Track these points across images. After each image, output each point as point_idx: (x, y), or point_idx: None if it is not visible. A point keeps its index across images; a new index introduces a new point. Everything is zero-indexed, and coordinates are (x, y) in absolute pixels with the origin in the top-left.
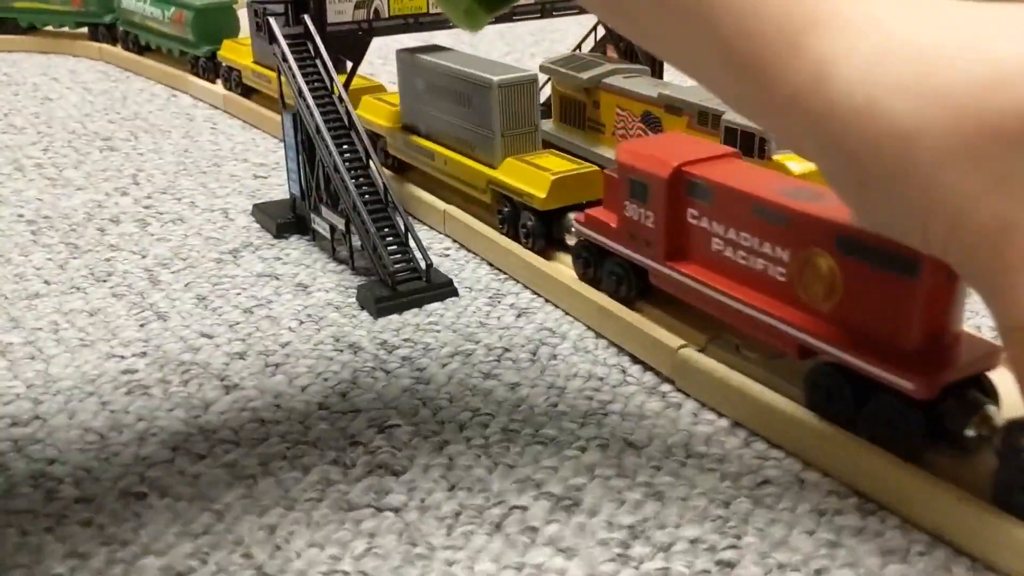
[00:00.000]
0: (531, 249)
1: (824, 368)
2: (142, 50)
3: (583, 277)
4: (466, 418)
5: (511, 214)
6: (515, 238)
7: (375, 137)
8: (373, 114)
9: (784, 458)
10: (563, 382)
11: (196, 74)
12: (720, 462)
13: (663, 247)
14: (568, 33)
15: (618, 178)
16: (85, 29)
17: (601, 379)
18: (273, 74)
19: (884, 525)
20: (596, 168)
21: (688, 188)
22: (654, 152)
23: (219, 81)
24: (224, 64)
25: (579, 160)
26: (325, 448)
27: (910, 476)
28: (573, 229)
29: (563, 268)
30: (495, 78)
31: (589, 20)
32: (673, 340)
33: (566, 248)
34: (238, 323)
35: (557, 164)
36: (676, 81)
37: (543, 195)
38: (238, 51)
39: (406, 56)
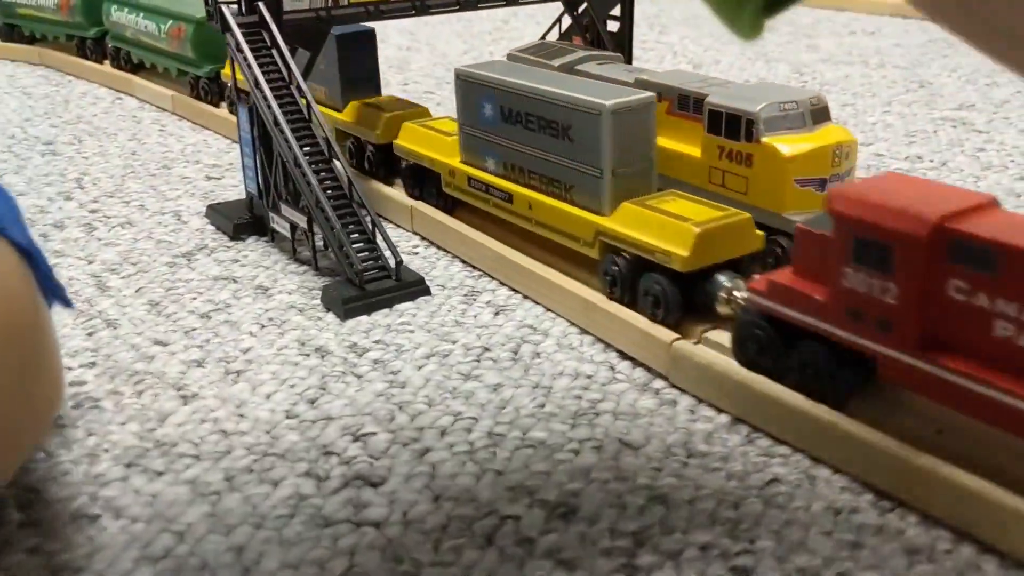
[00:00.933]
0: (663, 323)
1: None
2: (135, 68)
3: (750, 364)
4: (447, 423)
5: (627, 275)
6: (630, 305)
7: (421, 172)
8: (419, 144)
9: (791, 454)
10: (549, 381)
11: (198, 96)
12: (724, 461)
13: (913, 332)
14: (525, 31)
15: (833, 236)
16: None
17: (589, 377)
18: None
19: (905, 522)
20: (747, 216)
21: (955, 252)
22: (892, 200)
23: (224, 105)
24: (231, 86)
25: (717, 204)
26: (296, 460)
27: (928, 469)
28: (733, 296)
29: (538, 263)
30: (606, 102)
31: (551, 11)
32: (666, 333)
33: (712, 318)
34: (194, 329)
35: (695, 211)
36: (650, 66)
37: (685, 252)
38: None
39: (470, 74)
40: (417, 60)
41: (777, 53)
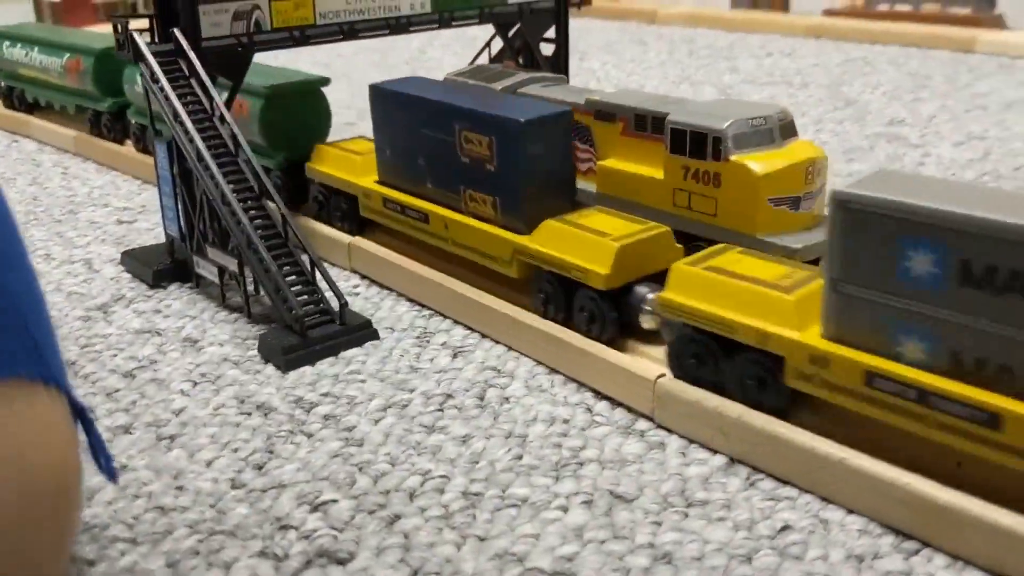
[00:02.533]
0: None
1: None
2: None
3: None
4: (416, 483)
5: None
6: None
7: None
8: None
9: (798, 496)
10: (523, 429)
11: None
12: (727, 509)
13: None
14: (443, 60)
15: None
16: None
17: (566, 421)
18: None
19: (932, 565)
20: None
21: None
22: None
23: (129, 142)
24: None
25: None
26: (247, 537)
27: (954, 506)
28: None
29: (496, 299)
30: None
31: (469, 41)
32: (648, 369)
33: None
34: (117, 390)
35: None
36: (593, 86)
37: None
38: None
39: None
40: (334, 92)
41: (700, 76)
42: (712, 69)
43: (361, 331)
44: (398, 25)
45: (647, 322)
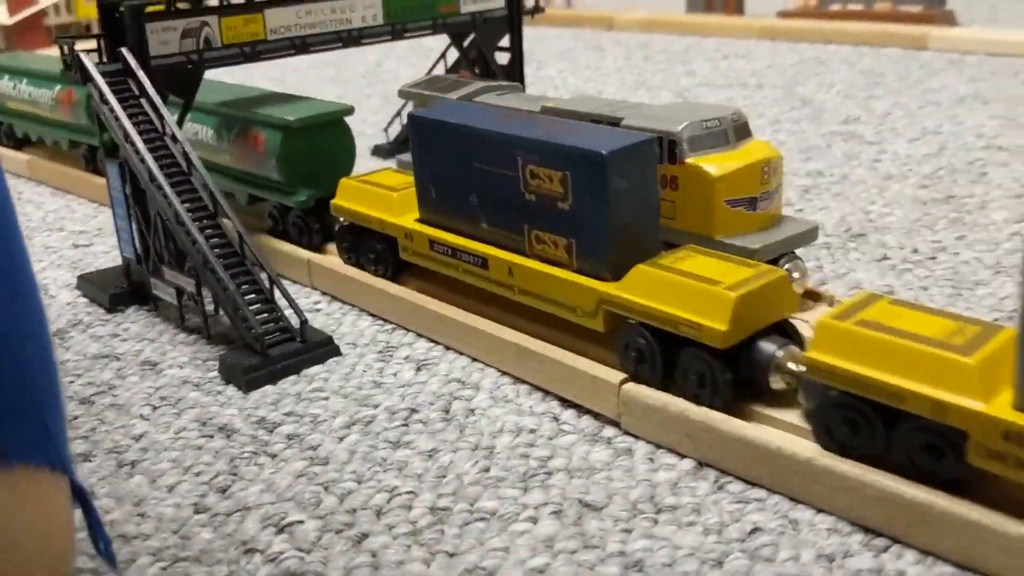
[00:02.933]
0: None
1: None
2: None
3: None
4: (382, 501)
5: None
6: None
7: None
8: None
9: (767, 497)
10: (489, 441)
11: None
12: (697, 513)
13: None
14: (399, 72)
15: None
16: None
17: (533, 431)
18: None
19: (902, 561)
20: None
21: None
22: None
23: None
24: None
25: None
26: (212, 562)
27: (922, 501)
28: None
29: (459, 310)
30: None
31: (426, 52)
32: (612, 374)
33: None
34: (76, 417)
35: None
36: (551, 94)
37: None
38: None
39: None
40: None
41: (657, 80)
42: (669, 73)
43: (323, 348)
44: (350, 38)
45: (776, 383)
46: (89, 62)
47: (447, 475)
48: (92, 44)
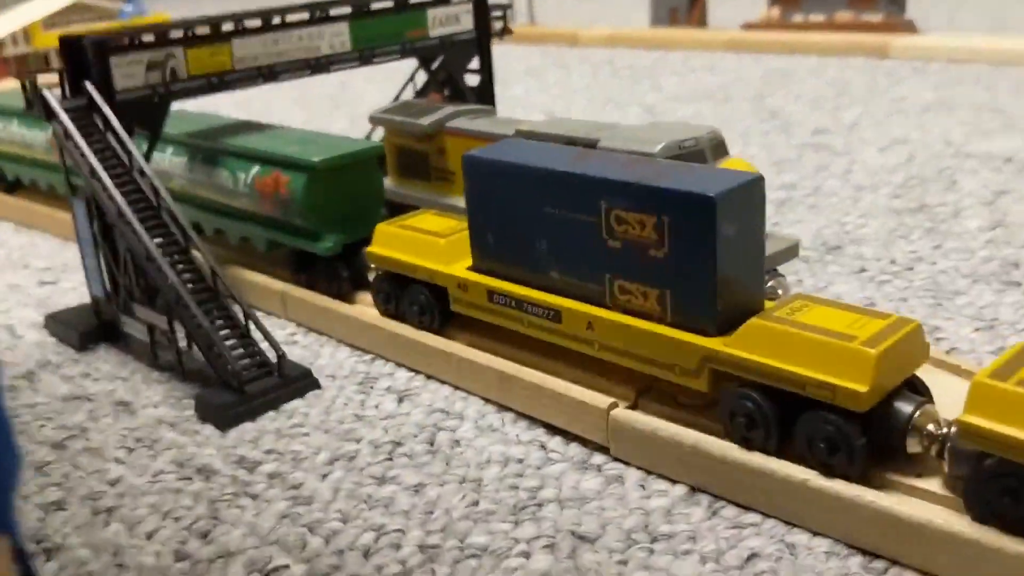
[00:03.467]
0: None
1: None
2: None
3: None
4: (370, 540)
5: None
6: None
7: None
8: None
9: (762, 521)
10: (477, 472)
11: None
12: (693, 541)
13: None
14: (365, 94)
15: None
16: None
17: (521, 461)
18: None
19: None
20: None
21: None
22: None
23: None
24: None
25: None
26: None
27: (923, 521)
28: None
29: (439, 338)
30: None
31: (391, 73)
32: (600, 399)
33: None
34: (48, 463)
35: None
36: (519, 114)
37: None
38: None
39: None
40: None
41: (625, 97)
42: (636, 89)
43: (301, 382)
44: (318, 65)
45: (914, 446)
46: (52, 98)
47: (435, 511)
48: (54, 77)
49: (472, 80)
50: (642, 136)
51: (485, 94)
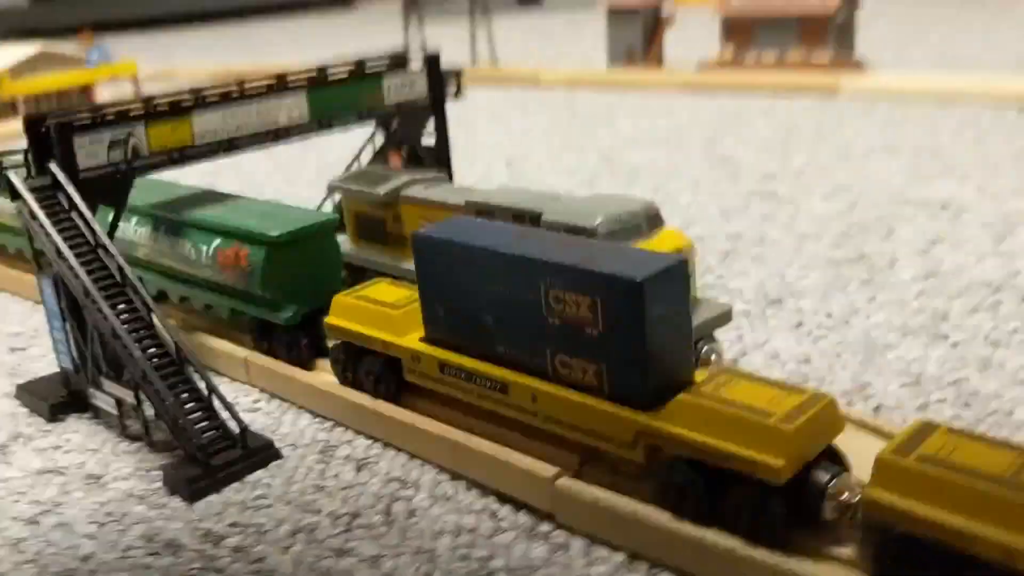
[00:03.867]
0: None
1: None
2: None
3: None
4: None
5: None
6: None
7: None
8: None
9: None
10: (431, 543)
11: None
12: None
13: None
14: (335, 143)
15: None
16: None
17: (472, 530)
18: None
19: None
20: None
21: None
22: None
23: None
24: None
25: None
26: None
27: None
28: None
29: (396, 408)
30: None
31: (362, 130)
32: (546, 469)
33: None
34: (23, 539)
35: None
36: (478, 185)
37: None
38: None
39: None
40: (224, 184)
41: (583, 142)
42: (594, 133)
43: (264, 452)
44: (278, 135)
45: (830, 513)
46: (17, 180)
47: None
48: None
49: (429, 141)
50: (583, 210)
51: (441, 155)
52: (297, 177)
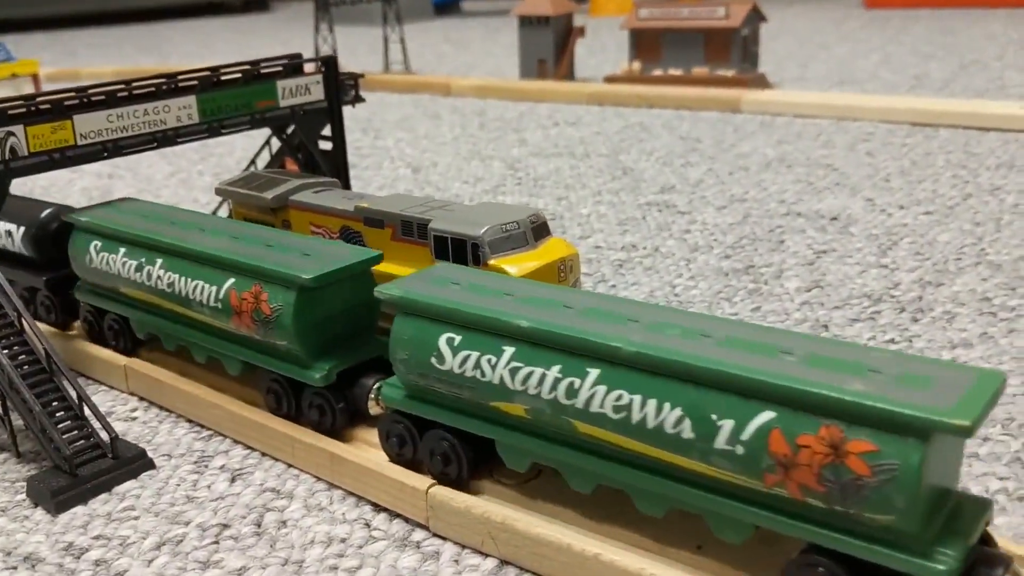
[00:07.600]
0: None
1: None
2: None
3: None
4: None
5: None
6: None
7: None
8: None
9: None
10: (300, 554)
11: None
12: None
13: None
14: (235, 146)
15: None
16: None
17: (344, 540)
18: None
19: None
20: None
21: None
22: None
23: (78, 325)
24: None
25: None
26: None
27: None
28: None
29: (276, 419)
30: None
31: (260, 133)
32: (421, 480)
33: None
34: None
35: None
36: (370, 191)
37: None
38: None
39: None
40: (120, 188)
41: (490, 150)
42: (502, 142)
43: (135, 462)
44: (165, 138)
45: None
46: None
47: None
48: None
49: (325, 145)
50: (470, 218)
51: (338, 160)
52: (196, 181)
